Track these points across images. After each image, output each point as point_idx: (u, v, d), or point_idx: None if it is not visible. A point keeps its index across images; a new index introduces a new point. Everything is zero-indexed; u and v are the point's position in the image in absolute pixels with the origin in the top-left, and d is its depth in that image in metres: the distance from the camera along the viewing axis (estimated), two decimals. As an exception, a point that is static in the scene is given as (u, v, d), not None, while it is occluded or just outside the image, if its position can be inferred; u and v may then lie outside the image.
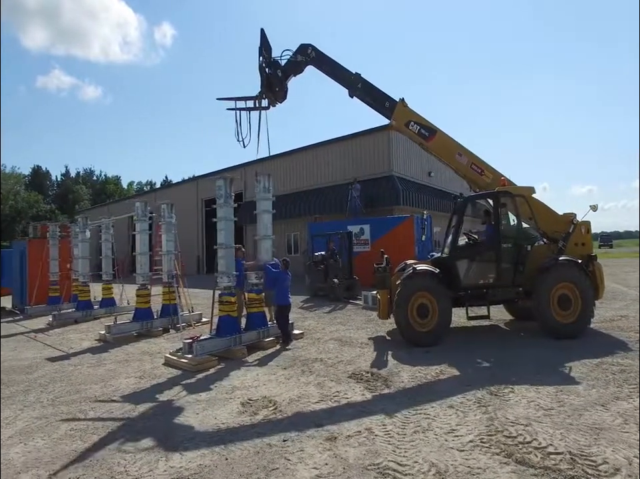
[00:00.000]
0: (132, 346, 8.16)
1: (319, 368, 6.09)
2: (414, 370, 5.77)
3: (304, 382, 5.49)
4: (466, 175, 7.99)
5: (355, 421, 4.21)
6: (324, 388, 5.20)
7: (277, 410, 4.54)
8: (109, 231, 12.29)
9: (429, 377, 5.52)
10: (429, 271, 7.12)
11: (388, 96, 8.13)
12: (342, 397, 4.90)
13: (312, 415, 4.42)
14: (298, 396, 4.97)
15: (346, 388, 5.21)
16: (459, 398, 4.68)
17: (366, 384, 5.31)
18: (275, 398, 4.92)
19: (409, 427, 4.02)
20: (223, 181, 7.21)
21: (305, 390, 5.17)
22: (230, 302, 7.16)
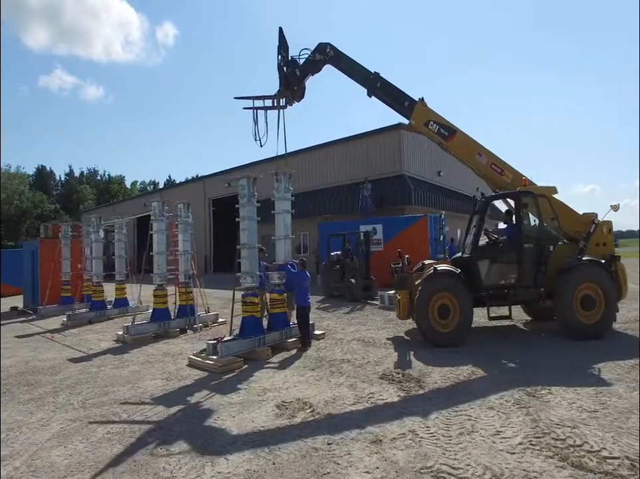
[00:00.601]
0: (151, 347, 8.10)
1: (348, 369, 6.02)
2: (444, 371, 5.70)
3: (335, 383, 5.42)
4: (486, 175, 7.90)
5: (396, 423, 4.15)
6: (358, 390, 5.14)
7: (314, 413, 4.48)
8: (122, 230, 12.25)
9: (461, 378, 5.46)
10: (450, 271, 7.05)
11: (407, 95, 8.05)
12: (378, 399, 4.83)
13: (351, 417, 4.35)
14: (332, 397, 4.90)
15: (380, 389, 5.15)
16: (497, 399, 4.62)
17: (399, 385, 5.25)
18: (309, 400, 4.85)
19: (453, 429, 3.96)
20: (246, 181, 7.14)
21: (338, 391, 5.10)
22: (254, 303, 7.09)
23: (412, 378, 5.47)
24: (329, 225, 15.68)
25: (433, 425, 4.07)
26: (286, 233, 7.70)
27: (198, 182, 28.03)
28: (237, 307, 7.45)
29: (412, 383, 5.31)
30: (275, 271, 7.61)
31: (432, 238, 14.28)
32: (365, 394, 5.00)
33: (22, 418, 4.62)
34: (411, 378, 5.50)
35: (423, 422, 4.13)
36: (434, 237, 14.43)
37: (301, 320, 7.45)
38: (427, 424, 4.09)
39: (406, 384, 5.27)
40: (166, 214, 9.49)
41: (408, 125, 8.13)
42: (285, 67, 8.27)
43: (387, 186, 17.59)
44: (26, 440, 4.04)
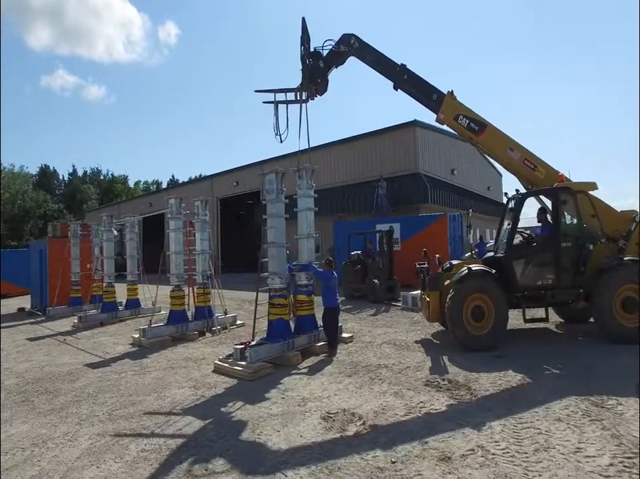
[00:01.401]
0: (170, 351, 7.71)
1: (388, 375, 5.63)
2: (491, 377, 5.31)
3: (379, 391, 5.03)
4: (518, 172, 7.49)
5: (459, 436, 3.77)
6: (405, 398, 4.75)
7: (365, 425, 4.09)
8: (134, 229, 11.87)
9: (512, 384, 5.08)
10: (485, 271, 6.66)
11: (435, 88, 7.65)
12: (430, 408, 4.45)
13: (407, 430, 3.97)
14: (381, 407, 4.51)
15: (429, 397, 4.76)
16: (561, 409, 4.24)
17: (448, 393, 4.86)
18: (356, 410, 4.47)
19: (525, 444, 3.57)
20: (274, 176, 6.75)
21: (385, 400, 4.71)
22: (283, 304, 6.70)
23: (460, 385, 5.09)
24: (346, 225, 15.27)
25: (501, 439, 3.69)
26: (309, 231, 7.30)
27: (206, 181, 27.68)
28: (259, 309, 7.06)
29: (461, 390, 4.93)
30: (300, 271, 7.22)
31: (452, 237, 13.88)
32: (415, 403, 4.61)
33: (46, 431, 4.25)
34: (459, 384, 5.12)
35: (490, 436, 3.75)
36: (454, 236, 14.04)
37: (328, 322, 7.04)
38: (495, 438, 3.71)
39: (456, 392, 4.89)
40: (183, 212, 9.10)
41: (436, 119, 7.72)
42: (308, 59, 7.88)
43: (402, 184, 17.19)
44: (54, 458, 3.66)
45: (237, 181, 25.72)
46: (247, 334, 8.87)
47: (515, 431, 3.82)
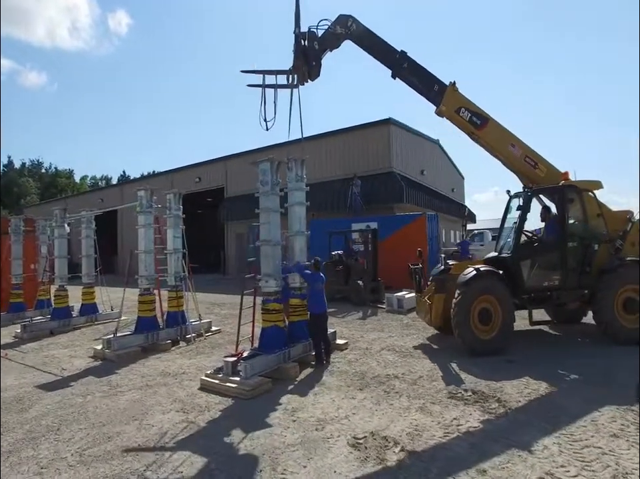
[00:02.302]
0: (142, 365, 6.68)
1: (402, 387, 5.08)
2: (515, 386, 4.95)
3: (400, 407, 4.46)
4: (519, 169, 7.28)
5: (518, 461, 3.30)
6: (434, 415, 4.22)
7: (404, 451, 3.50)
8: (91, 225, 10.52)
9: (540, 393, 4.73)
10: (492, 271, 6.34)
11: (437, 79, 7.25)
12: (467, 426, 3.95)
13: (455, 455, 3.42)
14: (412, 428, 3.94)
15: (459, 413, 4.26)
16: (609, 422, 3.91)
17: (478, 407, 4.40)
18: (385, 433, 3.86)
19: (596, 468, 3.18)
20: (269, 165, 5.98)
21: (414, 419, 4.15)
22: (277, 310, 5.95)
23: (487, 396, 4.65)
24: (322, 223, 14.64)
25: (566, 462, 3.26)
26: (300, 228, 6.61)
27: (165, 176, 25.89)
28: (234, 313, 6.27)
29: (491, 402, 4.48)
30: (288, 272, 6.49)
31: (429, 238, 13.71)
32: (447, 420, 4.09)
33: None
34: (485, 396, 4.67)
35: (551, 459, 3.30)
36: (432, 237, 13.88)
37: (315, 330, 6.26)
38: (558, 462, 3.27)
39: (486, 405, 4.43)
40: (155, 205, 8.05)
41: (437, 111, 7.32)
42: (302, 39, 7.18)
43: (376, 183, 16.85)
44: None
45: (200, 177, 24.30)
46: (227, 342, 8.02)
47: (575, 451, 3.40)
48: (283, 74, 7.01)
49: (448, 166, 27.79)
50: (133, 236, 28.79)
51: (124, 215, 28.34)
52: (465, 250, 14.90)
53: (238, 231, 23.12)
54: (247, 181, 22.43)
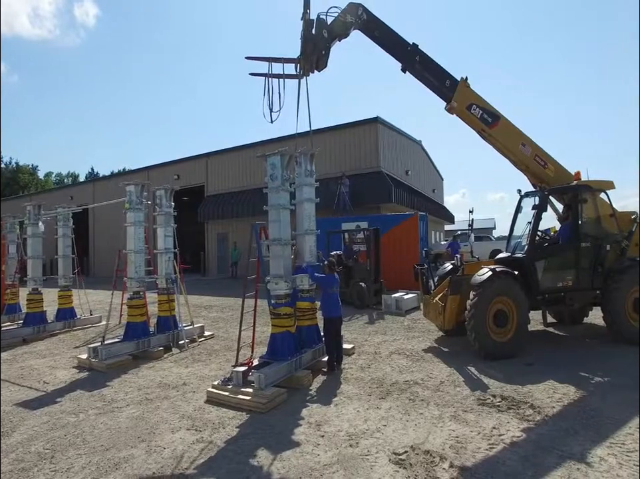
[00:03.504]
0: (135, 375, 6.12)
1: (426, 394, 4.81)
2: (544, 390, 4.79)
3: (432, 416, 4.18)
4: (528, 168, 7.19)
5: (579, 475, 3.06)
6: (471, 424, 3.96)
7: (453, 467, 3.21)
8: (68, 223, 9.72)
9: (571, 398, 4.57)
10: (508, 272, 6.20)
11: (448, 74, 7.05)
12: (511, 436, 3.73)
13: (510, 470, 3.19)
14: (453, 440, 3.67)
15: (497, 421, 4.03)
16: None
17: (514, 414, 4.19)
18: (425, 446, 3.57)
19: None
20: (279, 158, 5.57)
21: (451, 429, 3.88)
22: (289, 314, 5.55)
23: (519, 402, 4.46)
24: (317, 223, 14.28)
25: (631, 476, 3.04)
26: (309, 227, 6.24)
27: (141, 173, 24.70)
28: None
29: (524, 409, 4.28)
30: (298, 273, 6.11)
31: (420, 238, 13.61)
32: (487, 430, 3.84)
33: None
34: (517, 401, 4.47)
35: (615, 474, 3.08)
36: (422, 237, 13.78)
37: (329, 336, 5.92)
38: (623, 477, 3.05)
39: (522, 411, 4.23)
40: (145, 202, 7.45)
41: (447, 107, 7.12)
42: (311, 27, 6.81)
43: (364, 182, 16.65)
44: None
45: (178, 175, 23.38)
46: (223, 349, 7.53)
47: (636, 464, 3.21)
48: (291, 62, 6.61)
49: (429, 167, 28.05)
50: (106, 236, 27.28)
51: (96, 213, 26.95)
52: (455, 251, 14.94)
53: (219, 231, 22.41)
54: (229, 180, 21.81)
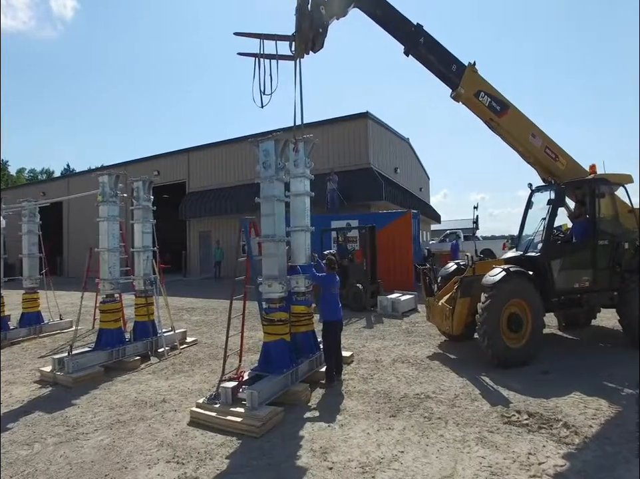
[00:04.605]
0: (107, 390, 5.37)
1: (441, 410, 4.27)
2: (572, 404, 4.33)
3: (454, 439, 3.64)
4: (538, 161, 6.75)
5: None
6: (503, 450, 3.43)
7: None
8: (34, 219, 8.82)
9: (605, 414, 4.11)
10: (523, 272, 5.73)
11: (455, 58, 6.54)
12: (553, 466, 3.20)
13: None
14: (487, 470, 3.13)
15: (530, 444, 3.51)
16: None
17: (547, 434, 3.69)
18: (457, 483, 2.99)
19: None
20: (272, 144, 4.93)
21: (480, 456, 3.33)
22: (284, 321, 4.92)
23: (550, 420, 3.95)
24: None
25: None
26: (303, 223, 5.63)
27: (118, 169, 23.51)
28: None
29: (558, 429, 3.78)
30: (293, 274, 5.49)
31: (413, 237, 13.17)
32: (522, 456, 3.32)
33: None
34: (546, 419, 3.97)
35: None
36: (414, 236, 13.34)
37: (328, 342, 5.33)
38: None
39: (555, 432, 3.73)
40: (120, 194, 6.69)
41: (453, 95, 6.61)
42: (307, 3, 6.19)
43: (354, 179, 16.10)
44: None
45: (159, 171, 22.34)
46: (208, 357, 6.84)
47: None
48: (285, 40, 5.97)
49: (416, 165, 27.75)
50: (81, 233, 25.75)
51: (70, 209, 25.61)
52: (455, 252, 14.65)
53: (201, 229, 21.52)
54: (212, 176, 20.95)
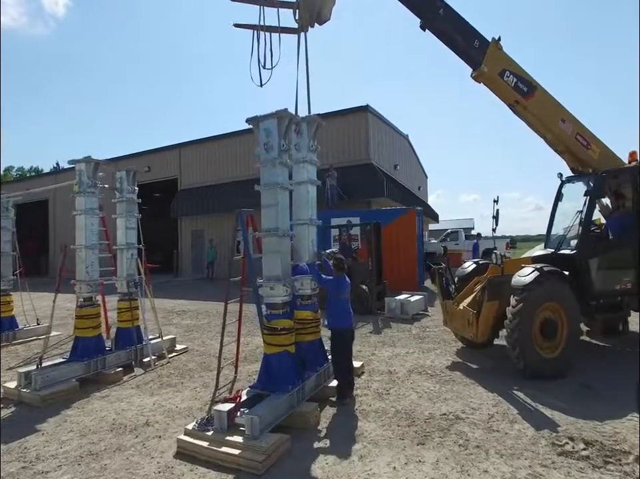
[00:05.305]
0: (81, 410, 4.61)
1: (479, 436, 3.59)
2: (633, 428, 3.66)
3: (503, 476, 2.96)
4: (569, 148, 6.10)
5: None
6: (567, 498, 2.74)
7: None
8: (9, 214, 8.01)
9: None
10: (558, 272, 5.07)
11: (478, 32, 5.88)
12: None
13: None
14: (560, 533, 2.42)
15: (598, 488, 2.83)
16: None
17: (618, 474, 3.01)
18: None
19: None
20: (275, 123, 4.18)
21: (544, 509, 2.64)
22: (288, 329, 4.19)
23: (614, 451, 3.30)
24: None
25: None
26: (310, 216, 4.91)
27: (109, 165, 22.60)
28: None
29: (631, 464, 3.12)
30: (298, 274, 4.77)
31: (419, 235, 12.53)
32: (594, 507, 2.63)
33: None
34: (609, 449, 3.32)
35: None
36: (419, 234, 12.71)
37: (338, 354, 4.62)
38: None
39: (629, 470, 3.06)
40: (100, 185, 5.93)
41: (475, 74, 5.94)
42: None
43: (354, 175, 15.42)
44: None
45: (149, 167, 21.48)
46: (199, 367, 6.09)
47: None
48: (288, 7, 5.28)
49: (415, 163, 27.16)
50: (68, 232, 24.89)
51: (57, 207, 24.65)
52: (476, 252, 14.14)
53: (194, 228, 20.70)
54: (205, 172, 20.14)
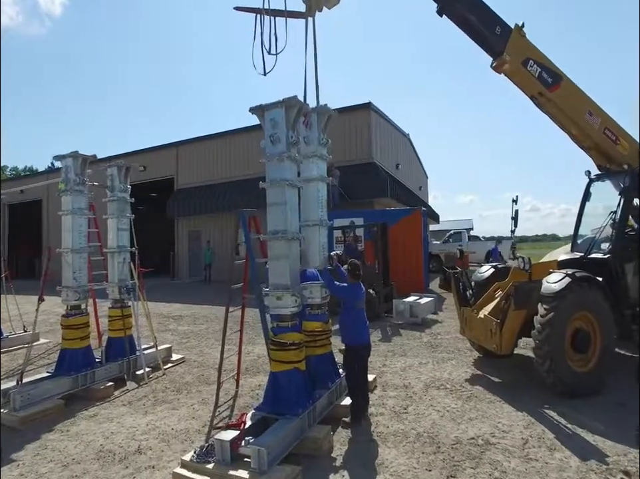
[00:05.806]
0: (65, 433, 4.14)
1: (517, 467, 3.16)
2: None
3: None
4: (596, 144, 5.67)
5: None
6: None
7: None
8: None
9: None
10: (591, 278, 4.64)
11: (499, 18, 5.42)
12: None
13: None
14: None
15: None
16: None
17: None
18: None
19: None
20: (282, 112, 3.72)
21: None
22: (297, 345, 3.72)
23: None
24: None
25: None
26: (322, 216, 4.47)
27: (103, 163, 22.09)
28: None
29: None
30: (306, 281, 4.33)
31: (425, 236, 12.11)
32: None
33: None
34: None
35: None
36: (424, 236, 12.29)
37: (353, 373, 4.12)
38: None
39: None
40: (88, 183, 5.46)
41: (495, 65, 5.50)
42: None
43: (356, 175, 14.97)
44: None
45: (145, 166, 20.94)
46: (197, 381, 5.61)
47: None
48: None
49: (416, 163, 26.77)
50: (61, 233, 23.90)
51: (50, 208, 24.07)
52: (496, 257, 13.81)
53: (191, 229, 20.19)
54: (203, 171, 19.65)
